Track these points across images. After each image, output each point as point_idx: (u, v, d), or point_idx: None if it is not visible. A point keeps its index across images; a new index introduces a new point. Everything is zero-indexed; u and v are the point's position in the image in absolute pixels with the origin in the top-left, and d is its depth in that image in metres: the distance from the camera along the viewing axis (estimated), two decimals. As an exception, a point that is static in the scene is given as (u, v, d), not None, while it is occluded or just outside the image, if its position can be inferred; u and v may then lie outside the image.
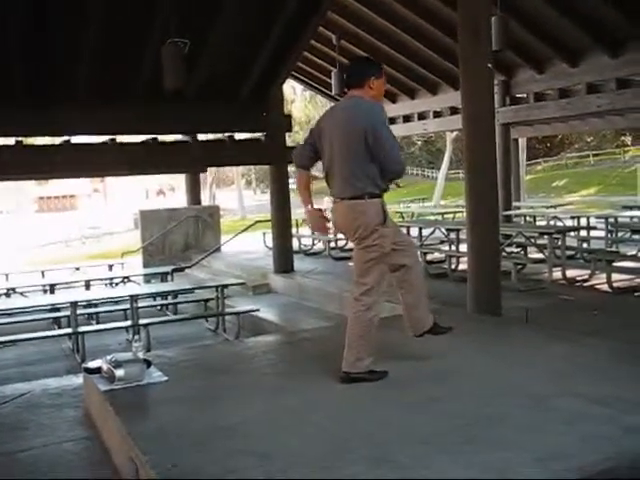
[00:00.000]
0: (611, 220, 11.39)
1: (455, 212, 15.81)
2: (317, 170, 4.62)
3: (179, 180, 34.67)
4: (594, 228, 11.70)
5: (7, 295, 10.60)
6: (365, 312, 3.95)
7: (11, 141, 9.52)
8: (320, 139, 4.09)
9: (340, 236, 7.24)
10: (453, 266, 9.44)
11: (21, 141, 9.45)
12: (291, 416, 3.55)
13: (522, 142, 21.56)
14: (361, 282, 3.99)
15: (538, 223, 12.99)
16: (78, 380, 4.90)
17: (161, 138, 10.97)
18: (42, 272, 12.36)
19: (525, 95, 12.88)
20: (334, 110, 4.19)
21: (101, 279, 11.54)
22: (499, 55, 9.50)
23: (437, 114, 15.08)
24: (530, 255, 9.64)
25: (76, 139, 10.20)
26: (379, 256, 3.96)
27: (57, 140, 10.10)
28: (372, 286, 3.96)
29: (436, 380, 4.01)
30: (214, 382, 4.24)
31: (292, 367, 4.19)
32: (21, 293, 10.56)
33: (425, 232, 11.12)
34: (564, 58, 11.41)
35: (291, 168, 7.85)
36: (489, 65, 6.12)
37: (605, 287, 7.98)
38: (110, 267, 12.71)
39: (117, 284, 11.18)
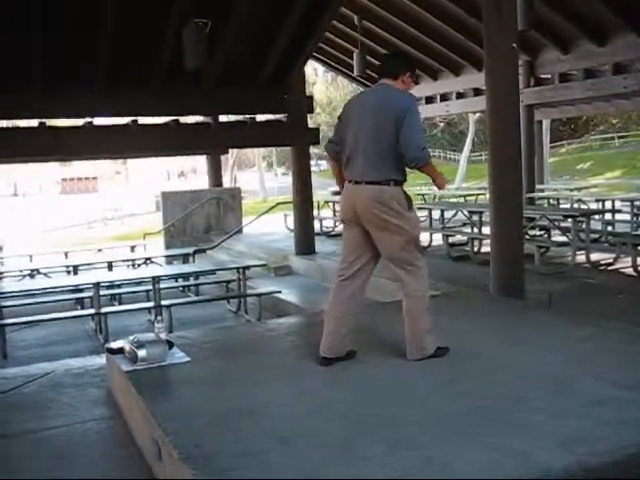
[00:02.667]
0: (637, 203, 11.22)
1: (477, 194, 15.72)
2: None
3: (200, 162, 34.72)
4: (619, 211, 11.53)
5: (31, 276, 10.76)
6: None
7: (34, 123, 9.60)
8: (346, 124, 4.07)
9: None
10: (475, 248, 9.39)
11: (44, 123, 9.51)
12: (312, 398, 3.56)
13: (546, 124, 21.29)
14: (409, 267, 3.98)
15: (562, 206, 12.84)
16: (101, 360, 4.95)
17: (183, 120, 10.96)
18: (65, 253, 12.47)
19: (550, 76, 12.66)
20: (364, 95, 4.23)
21: (123, 260, 11.60)
22: (523, 35, 9.32)
23: (460, 95, 14.91)
24: (554, 238, 9.54)
25: (98, 121, 10.24)
26: (410, 239, 3.94)
27: (79, 122, 10.14)
28: (418, 266, 4.00)
29: (457, 362, 3.99)
30: (236, 363, 4.26)
31: (313, 349, 4.18)
32: (45, 274, 10.67)
33: (447, 214, 11.05)
34: (590, 37, 11.16)
35: (313, 150, 7.82)
36: (514, 45, 6.03)
37: (630, 271, 7.88)
38: (132, 248, 12.83)
39: (139, 265, 11.25)
